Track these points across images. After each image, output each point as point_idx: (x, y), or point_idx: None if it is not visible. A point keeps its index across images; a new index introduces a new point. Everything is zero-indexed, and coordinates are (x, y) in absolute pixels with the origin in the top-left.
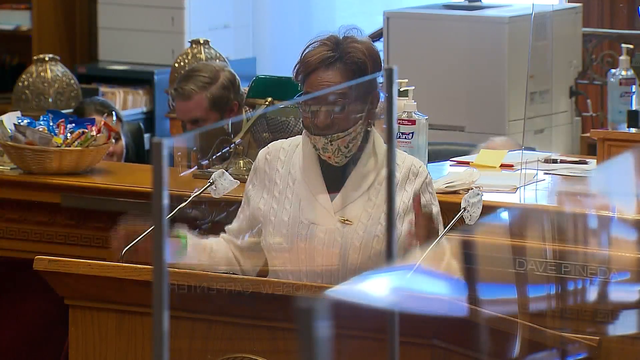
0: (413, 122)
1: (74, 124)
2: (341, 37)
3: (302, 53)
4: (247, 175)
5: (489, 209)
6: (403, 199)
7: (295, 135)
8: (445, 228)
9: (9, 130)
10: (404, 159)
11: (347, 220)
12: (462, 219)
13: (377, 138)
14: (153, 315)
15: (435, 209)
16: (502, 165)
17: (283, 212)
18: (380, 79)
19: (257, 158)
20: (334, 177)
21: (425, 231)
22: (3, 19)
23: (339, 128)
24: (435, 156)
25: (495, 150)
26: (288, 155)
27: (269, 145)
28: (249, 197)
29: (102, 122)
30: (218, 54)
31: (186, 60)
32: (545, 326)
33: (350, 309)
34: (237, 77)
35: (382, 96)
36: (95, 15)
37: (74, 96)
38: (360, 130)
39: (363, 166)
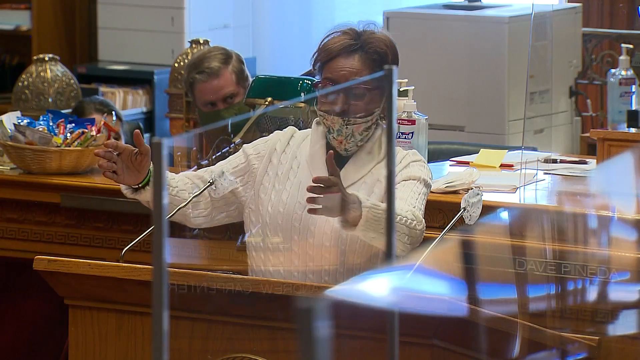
0: (413, 122)
1: (73, 124)
2: (360, 30)
3: (322, 42)
4: None
5: (488, 209)
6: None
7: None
8: (445, 228)
9: (9, 130)
10: (403, 156)
11: None
12: (462, 218)
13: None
14: (153, 315)
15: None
16: (502, 165)
17: (283, 193)
18: None
19: (273, 134)
20: (337, 165)
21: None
22: (3, 19)
23: (358, 113)
24: (436, 155)
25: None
26: (296, 144)
27: (285, 129)
28: (248, 156)
29: (102, 122)
30: None
31: (186, 60)
32: (545, 326)
33: (350, 309)
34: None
35: None
36: (95, 15)
37: (73, 96)
38: (376, 121)
39: (364, 154)
